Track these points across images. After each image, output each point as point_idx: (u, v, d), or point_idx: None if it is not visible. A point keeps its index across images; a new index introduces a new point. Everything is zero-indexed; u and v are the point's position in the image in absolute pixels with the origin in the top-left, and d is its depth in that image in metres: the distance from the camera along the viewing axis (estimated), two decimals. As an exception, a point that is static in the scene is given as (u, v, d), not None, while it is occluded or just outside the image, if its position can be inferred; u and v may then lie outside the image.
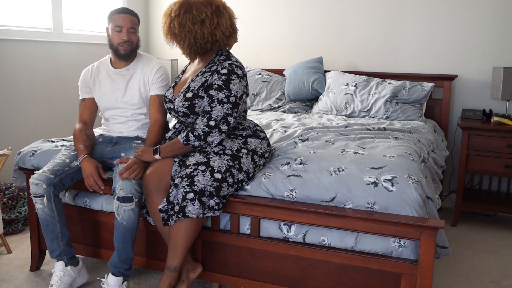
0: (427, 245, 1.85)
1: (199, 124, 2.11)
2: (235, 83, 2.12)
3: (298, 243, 2.07)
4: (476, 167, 3.32)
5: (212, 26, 2.13)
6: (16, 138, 3.35)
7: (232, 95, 2.10)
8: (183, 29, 2.13)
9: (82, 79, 2.50)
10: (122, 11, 2.37)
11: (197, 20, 2.11)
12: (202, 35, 2.13)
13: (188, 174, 2.02)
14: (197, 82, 2.18)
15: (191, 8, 2.12)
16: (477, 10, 3.58)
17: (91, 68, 2.51)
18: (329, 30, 4.03)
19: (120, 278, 2.18)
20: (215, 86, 2.11)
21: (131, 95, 2.42)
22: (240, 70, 2.17)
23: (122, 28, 2.34)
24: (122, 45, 2.36)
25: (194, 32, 2.13)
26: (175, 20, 2.14)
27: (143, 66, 2.44)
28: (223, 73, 2.12)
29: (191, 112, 2.18)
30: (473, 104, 3.68)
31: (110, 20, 2.38)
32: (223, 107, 2.09)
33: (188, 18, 2.12)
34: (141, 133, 2.48)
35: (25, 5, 3.43)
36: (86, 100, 2.50)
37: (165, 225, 2.01)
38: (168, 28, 2.18)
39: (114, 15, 2.37)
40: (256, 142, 2.24)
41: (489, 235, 3.22)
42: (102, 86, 2.45)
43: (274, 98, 3.87)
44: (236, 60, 2.21)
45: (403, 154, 2.25)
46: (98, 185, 2.22)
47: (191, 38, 2.14)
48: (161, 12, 4.56)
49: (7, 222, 3.02)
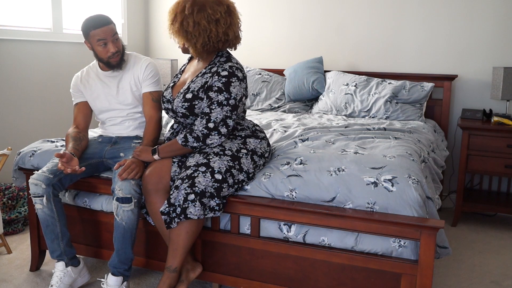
0: (427, 245, 1.85)
1: (198, 125, 2.10)
2: (235, 86, 2.11)
3: (298, 243, 2.07)
4: (476, 167, 3.32)
5: (226, 25, 2.12)
6: (16, 138, 3.35)
7: (232, 97, 2.10)
8: (197, 28, 2.09)
9: (73, 85, 2.48)
10: (98, 25, 2.26)
11: (211, 19, 2.09)
12: (216, 34, 2.11)
13: (189, 175, 2.02)
14: (197, 83, 2.17)
15: (205, 7, 2.09)
16: (477, 10, 3.58)
17: (80, 74, 2.49)
18: (329, 30, 4.03)
19: (120, 278, 2.18)
20: (215, 88, 2.10)
21: (124, 95, 2.41)
22: (240, 72, 2.16)
23: (106, 41, 2.28)
24: (112, 57, 2.32)
25: (209, 31, 2.10)
26: (189, 18, 2.09)
27: (133, 65, 2.42)
28: (223, 75, 2.11)
29: (190, 113, 2.17)
30: (473, 104, 3.68)
31: (88, 36, 2.29)
32: (222, 109, 2.08)
33: (203, 17, 2.08)
34: (140, 132, 2.48)
35: (25, 5, 3.43)
36: (79, 104, 2.48)
37: (168, 227, 2.01)
38: (180, 26, 2.11)
39: (91, 31, 2.27)
40: (255, 142, 2.23)
41: (489, 235, 3.22)
42: (94, 90, 2.43)
43: (274, 98, 3.87)
44: (237, 62, 2.21)
45: (403, 154, 2.25)
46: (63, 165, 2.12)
47: (205, 37, 2.10)
48: (161, 12, 4.60)
49: (7, 222, 3.02)
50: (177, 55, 4.55)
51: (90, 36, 2.28)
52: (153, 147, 2.26)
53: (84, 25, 2.30)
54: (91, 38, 2.29)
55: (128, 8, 4.41)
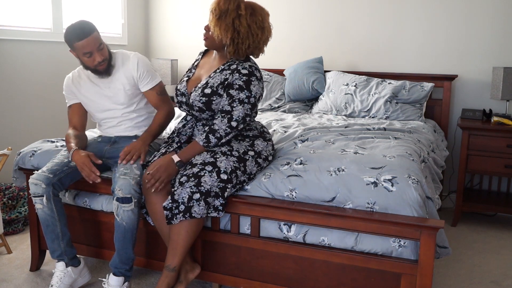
0: (427, 245, 1.85)
1: (220, 125, 2.11)
2: (255, 85, 2.14)
3: (298, 243, 2.07)
4: (476, 167, 3.32)
5: (267, 35, 2.19)
6: (16, 138, 3.35)
7: (252, 95, 2.13)
8: (248, 30, 2.11)
9: (65, 86, 2.48)
10: (81, 36, 2.20)
11: (260, 25, 2.14)
12: (259, 41, 2.16)
13: (195, 173, 2.02)
14: (215, 79, 2.17)
15: (256, 13, 2.13)
16: (477, 10, 3.58)
17: (72, 75, 2.47)
18: (329, 30, 4.03)
19: (121, 278, 2.18)
20: (236, 86, 2.12)
21: (117, 95, 2.40)
22: (259, 73, 2.20)
23: (91, 52, 2.25)
24: (98, 66, 2.30)
25: (255, 36, 2.13)
26: (243, 18, 2.10)
27: (122, 64, 2.39)
28: (244, 73, 2.13)
29: (207, 108, 2.18)
30: (473, 104, 3.68)
31: (72, 47, 2.26)
32: (243, 107, 2.11)
33: (253, 21, 2.12)
34: (139, 132, 2.47)
35: (25, 5, 3.43)
36: (73, 106, 2.48)
37: (169, 223, 2.01)
38: (231, 22, 2.10)
39: (74, 43, 2.22)
40: (262, 144, 2.24)
41: (489, 235, 3.22)
42: (86, 91, 2.42)
43: (274, 98, 3.87)
44: (254, 62, 2.24)
45: (403, 154, 2.25)
46: (93, 173, 2.17)
47: (251, 40, 2.13)
48: (161, 12, 4.60)
49: (7, 222, 3.02)
50: (177, 55, 4.56)
51: (75, 48, 2.25)
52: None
53: (67, 37, 2.24)
54: (76, 50, 2.26)
55: (128, 8, 4.41)
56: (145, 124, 2.49)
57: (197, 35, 2.25)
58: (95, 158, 2.22)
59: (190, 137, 2.32)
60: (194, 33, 4.41)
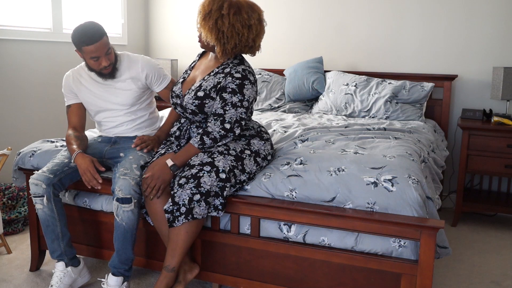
0: (427, 245, 1.85)
1: (213, 127, 2.11)
2: (248, 88, 2.13)
3: (298, 243, 2.07)
4: (476, 167, 3.32)
5: (256, 32, 2.16)
6: (16, 138, 3.35)
7: (245, 99, 2.12)
8: (232, 29, 2.09)
9: (64, 85, 2.45)
10: (91, 41, 2.19)
11: (245, 24, 2.11)
12: (246, 39, 2.13)
13: (194, 175, 2.02)
14: (209, 82, 2.17)
15: (241, 11, 2.10)
16: (477, 10, 3.58)
17: (71, 73, 2.45)
18: (329, 30, 4.03)
19: (120, 278, 2.18)
20: (229, 89, 2.11)
21: (121, 96, 2.39)
22: (252, 76, 2.19)
23: (98, 57, 2.24)
24: (103, 69, 2.30)
25: (241, 35, 2.11)
26: (225, 18, 2.08)
27: (128, 67, 2.39)
28: (237, 76, 2.12)
29: (200, 111, 2.18)
30: (473, 104, 3.68)
31: (80, 50, 2.24)
32: (236, 110, 2.11)
33: (237, 20, 2.09)
34: (139, 133, 2.47)
35: (25, 5, 3.43)
36: (72, 106, 2.46)
37: (170, 226, 2.01)
38: (214, 23, 2.09)
39: (83, 46, 2.21)
40: (259, 144, 2.24)
41: (489, 235, 3.22)
42: (87, 90, 2.41)
43: (274, 98, 3.87)
44: (249, 66, 2.23)
45: (403, 154, 2.25)
46: (96, 179, 2.17)
47: (237, 40, 2.12)
48: (161, 12, 4.60)
49: (7, 222, 3.02)
50: (177, 55, 4.56)
51: (83, 51, 2.24)
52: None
53: (76, 39, 2.22)
54: (83, 53, 2.25)
55: (128, 8, 4.41)
56: (145, 125, 2.49)
57: (197, 35, 2.24)
58: (98, 165, 2.22)
59: (189, 139, 2.31)
60: (194, 33, 4.32)
